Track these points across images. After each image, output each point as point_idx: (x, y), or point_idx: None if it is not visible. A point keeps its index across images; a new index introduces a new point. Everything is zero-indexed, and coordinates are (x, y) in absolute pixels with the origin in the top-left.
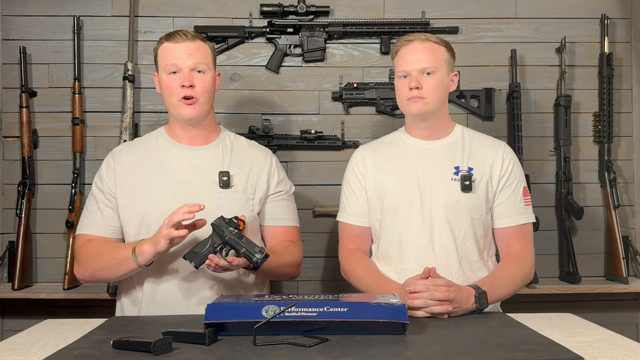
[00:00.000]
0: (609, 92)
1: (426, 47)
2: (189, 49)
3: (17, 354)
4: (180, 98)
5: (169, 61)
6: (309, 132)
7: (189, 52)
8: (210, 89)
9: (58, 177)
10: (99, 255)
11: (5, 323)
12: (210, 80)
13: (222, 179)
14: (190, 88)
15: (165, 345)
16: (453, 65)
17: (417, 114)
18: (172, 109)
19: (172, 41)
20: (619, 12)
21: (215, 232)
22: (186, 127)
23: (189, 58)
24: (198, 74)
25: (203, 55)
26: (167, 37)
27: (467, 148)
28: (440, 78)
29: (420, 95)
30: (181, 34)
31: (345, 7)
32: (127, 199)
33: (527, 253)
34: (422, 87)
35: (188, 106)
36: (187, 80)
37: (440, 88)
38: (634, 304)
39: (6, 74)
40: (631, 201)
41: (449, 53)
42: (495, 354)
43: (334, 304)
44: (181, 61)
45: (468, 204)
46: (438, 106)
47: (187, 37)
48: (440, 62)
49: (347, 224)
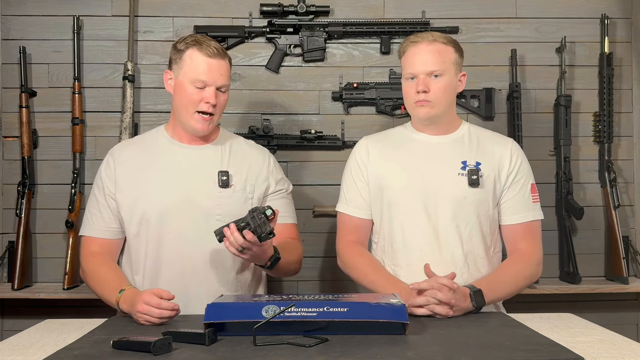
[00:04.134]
0: (609, 92)
1: (433, 48)
2: (221, 68)
3: (17, 354)
4: (199, 111)
5: (198, 75)
6: (309, 132)
7: (221, 72)
8: (225, 106)
9: (58, 177)
10: (95, 280)
11: (5, 323)
12: (227, 98)
13: (222, 179)
14: (212, 106)
15: (165, 345)
16: (461, 65)
17: (424, 117)
18: (184, 117)
19: (204, 53)
20: (619, 12)
21: (248, 214)
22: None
23: (220, 78)
24: (220, 93)
25: (228, 75)
26: (199, 45)
27: (474, 143)
28: (448, 80)
29: (427, 99)
30: (213, 47)
31: (345, 7)
32: (127, 197)
33: (534, 250)
34: (429, 91)
35: (203, 121)
36: (213, 99)
37: (448, 91)
38: (634, 304)
39: (6, 74)
40: (631, 201)
41: (457, 53)
42: (495, 354)
43: (334, 304)
44: (212, 79)
45: (475, 199)
46: (445, 109)
47: (219, 52)
48: (448, 64)
49: (347, 215)
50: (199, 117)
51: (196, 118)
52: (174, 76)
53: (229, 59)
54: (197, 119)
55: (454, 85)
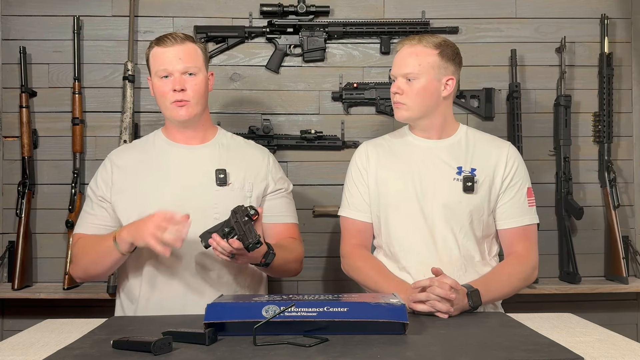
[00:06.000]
0: (609, 92)
1: (412, 51)
2: (179, 53)
3: (17, 354)
4: (172, 101)
5: (159, 66)
6: (309, 132)
7: (179, 57)
8: (202, 90)
9: (58, 177)
10: (86, 251)
11: (5, 323)
12: (202, 82)
13: (219, 177)
14: (181, 92)
15: (165, 345)
16: (450, 69)
17: (400, 119)
18: (165, 111)
19: (161, 45)
20: (619, 12)
21: (231, 217)
22: (181, 128)
23: (179, 62)
24: (189, 77)
25: (193, 57)
26: (157, 41)
27: (470, 148)
28: (424, 84)
29: (401, 101)
30: (170, 37)
31: (345, 7)
32: (125, 200)
33: (530, 254)
34: (402, 93)
35: (180, 108)
36: (178, 84)
37: (423, 94)
38: (634, 304)
39: (6, 74)
40: (631, 201)
41: (440, 57)
42: (495, 354)
43: (334, 304)
44: (172, 66)
45: (469, 204)
46: (423, 112)
47: (177, 40)
48: (426, 68)
49: (349, 219)
50: (174, 106)
51: (172, 107)
52: (151, 79)
53: (196, 44)
54: (173, 107)
55: (434, 89)
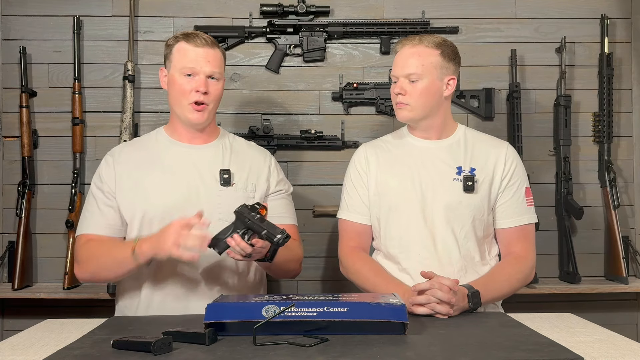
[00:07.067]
0: (609, 92)
1: (414, 52)
2: (208, 56)
3: (17, 354)
4: (191, 102)
5: (187, 63)
6: (309, 132)
7: (208, 59)
8: (220, 97)
9: (58, 177)
10: (98, 256)
11: (5, 323)
12: (221, 88)
13: (223, 177)
14: (204, 95)
15: (165, 345)
16: (451, 69)
17: (402, 120)
18: (179, 109)
19: (192, 43)
20: (619, 12)
21: (238, 218)
22: (190, 128)
23: (207, 65)
24: (212, 81)
25: (219, 64)
26: (186, 37)
27: (469, 148)
28: (427, 84)
29: (404, 101)
30: (201, 38)
31: (345, 7)
32: (128, 197)
33: (528, 254)
34: (406, 94)
35: (197, 112)
36: (203, 86)
37: (426, 95)
38: (634, 304)
39: (6, 74)
40: (631, 201)
41: (442, 57)
42: (495, 354)
43: (334, 304)
44: (199, 66)
45: (470, 204)
46: (426, 113)
47: (207, 42)
48: (428, 68)
49: (348, 222)
50: (193, 108)
51: (190, 109)
52: (167, 72)
53: (221, 51)
54: (191, 109)
55: (435, 90)
